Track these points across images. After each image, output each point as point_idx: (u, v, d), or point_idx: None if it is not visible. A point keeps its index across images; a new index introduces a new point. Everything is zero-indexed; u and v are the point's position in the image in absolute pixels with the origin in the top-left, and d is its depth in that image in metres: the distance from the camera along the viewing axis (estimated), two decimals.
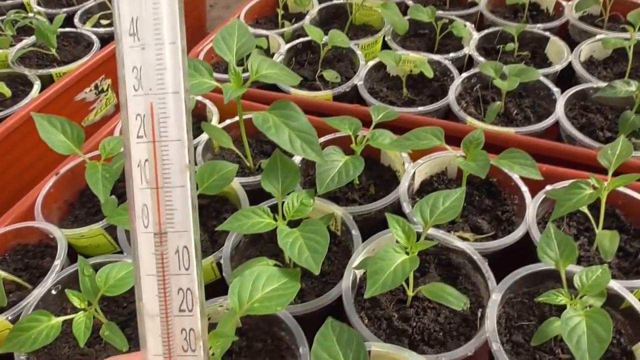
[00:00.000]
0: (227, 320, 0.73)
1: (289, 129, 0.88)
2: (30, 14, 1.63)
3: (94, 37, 1.59)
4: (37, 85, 1.40)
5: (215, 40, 0.98)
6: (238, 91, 0.93)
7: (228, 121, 1.22)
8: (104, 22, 1.71)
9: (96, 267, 0.83)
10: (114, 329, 0.81)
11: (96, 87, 1.51)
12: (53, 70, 1.46)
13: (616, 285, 0.80)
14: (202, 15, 2.06)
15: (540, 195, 0.96)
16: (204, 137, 1.18)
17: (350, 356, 0.64)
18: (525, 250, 0.92)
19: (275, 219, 0.86)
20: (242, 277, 0.72)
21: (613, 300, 0.81)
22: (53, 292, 0.91)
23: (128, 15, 0.33)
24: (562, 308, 0.78)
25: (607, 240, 0.84)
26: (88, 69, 1.45)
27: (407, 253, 0.75)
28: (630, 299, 0.79)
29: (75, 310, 0.81)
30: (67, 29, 1.63)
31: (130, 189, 0.35)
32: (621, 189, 0.95)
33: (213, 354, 0.69)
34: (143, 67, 0.33)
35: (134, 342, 0.86)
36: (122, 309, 0.93)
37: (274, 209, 0.90)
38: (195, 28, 1.99)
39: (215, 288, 0.94)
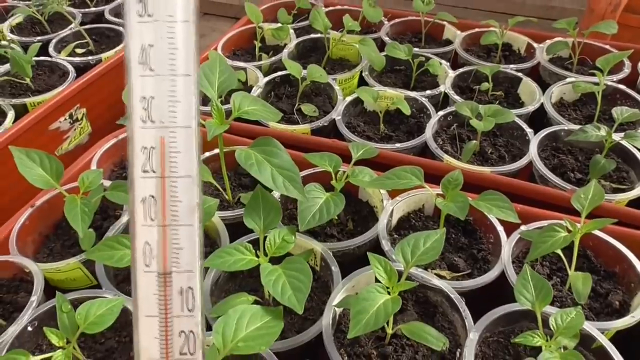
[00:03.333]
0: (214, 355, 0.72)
1: (272, 166, 0.89)
2: (4, 42, 1.61)
3: (69, 67, 1.57)
4: (10, 115, 1.37)
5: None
6: (221, 128, 0.94)
7: (207, 154, 1.23)
8: (79, 51, 1.70)
9: (73, 303, 0.82)
10: None
11: (70, 116, 1.49)
12: (27, 100, 1.44)
13: (588, 326, 0.83)
14: None
15: (515, 236, 0.98)
16: None
17: None
18: (501, 289, 0.94)
19: (257, 255, 0.87)
20: (226, 316, 0.72)
21: (585, 341, 0.83)
22: (29, 328, 0.88)
23: (138, 43, 0.32)
24: (537, 347, 0.80)
25: (581, 283, 0.87)
26: (63, 99, 1.43)
27: (389, 293, 0.77)
28: (602, 340, 0.81)
29: (52, 347, 0.79)
30: (42, 58, 1.60)
31: (133, 225, 0.33)
32: (593, 231, 0.98)
33: None
34: (155, 97, 0.33)
35: None
36: (100, 345, 0.90)
37: (254, 243, 0.90)
38: None
39: None
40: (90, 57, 1.63)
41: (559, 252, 0.93)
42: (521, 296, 0.79)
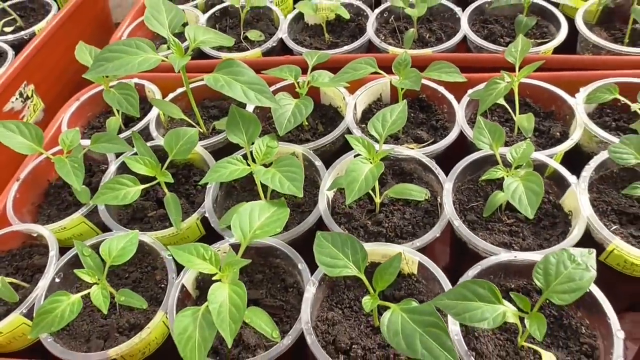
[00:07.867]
0: (233, 254, 0.83)
1: (240, 83, 0.97)
2: None
3: (5, 46, 1.57)
4: None
5: (146, 19, 1.03)
6: (183, 60, 1.00)
7: (171, 95, 1.29)
8: (7, 29, 1.67)
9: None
10: (128, 293, 0.89)
11: (21, 94, 1.50)
12: None
13: (539, 155, 0.97)
14: (105, 6, 2.04)
15: (465, 99, 1.11)
16: (152, 114, 1.24)
17: (349, 253, 0.76)
18: (462, 149, 1.08)
19: (248, 165, 0.96)
20: (237, 214, 0.82)
21: (538, 171, 0.98)
22: (57, 280, 0.96)
23: None
24: (501, 186, 0.95)
25: (525, 121, 1.01)
26: (9, 79, 1.43)
27: (371, 162, 0.88)
28: (551, 162, 0.96)
29: (84, 288, 0.88)
30: None
31: None
32: (528, 80, 1.12)
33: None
34: None
35: (149, 302, 0.93)
36: (125, 280, 1.00)
37: (243, 158, 0.99)
38: (101, 19, 1.98)
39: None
40: (22, 33, 1.61)
41: (504, 103, 1.06)
42: (480, 142, 0.92)
